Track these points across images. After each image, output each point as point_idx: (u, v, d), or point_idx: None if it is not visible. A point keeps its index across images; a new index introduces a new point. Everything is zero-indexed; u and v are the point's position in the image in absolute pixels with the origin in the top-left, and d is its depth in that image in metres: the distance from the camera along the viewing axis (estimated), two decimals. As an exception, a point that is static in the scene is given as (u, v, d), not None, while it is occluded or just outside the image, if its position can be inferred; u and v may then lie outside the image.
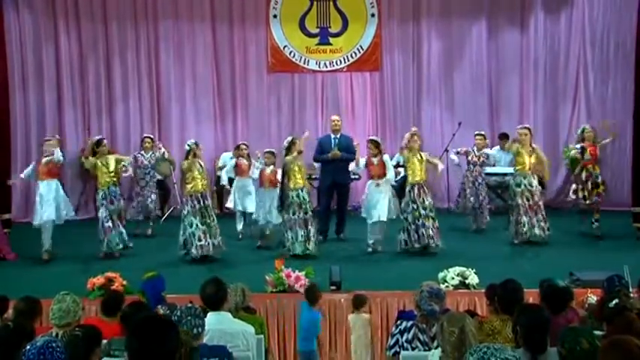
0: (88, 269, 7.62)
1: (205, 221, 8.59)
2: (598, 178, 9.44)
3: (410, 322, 4.47)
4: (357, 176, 11.16)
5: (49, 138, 9.51)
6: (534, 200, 9.02)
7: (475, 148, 10.29)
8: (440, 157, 10.89)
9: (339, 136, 9.93)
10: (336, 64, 12.70)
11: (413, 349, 4.37)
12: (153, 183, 10.51)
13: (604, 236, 9.41)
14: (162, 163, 10.37)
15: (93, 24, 12.25)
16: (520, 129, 9.35)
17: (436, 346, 3.93)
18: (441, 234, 8.91)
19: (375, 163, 9.01)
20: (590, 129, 9.71)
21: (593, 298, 5.81)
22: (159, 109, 12.64)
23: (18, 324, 4.03)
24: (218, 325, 4.46)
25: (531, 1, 12.53)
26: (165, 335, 2.76)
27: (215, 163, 12.00)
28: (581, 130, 9.79)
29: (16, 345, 3.64)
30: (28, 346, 3.42)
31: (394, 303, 6.82)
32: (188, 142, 8.97)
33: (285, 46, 12.63)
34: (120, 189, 9.51)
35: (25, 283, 7.63)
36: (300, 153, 8.92)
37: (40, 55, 12.11)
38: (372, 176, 9.11)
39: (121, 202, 9.34)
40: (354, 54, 12.67)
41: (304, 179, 8.97)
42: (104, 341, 3.98)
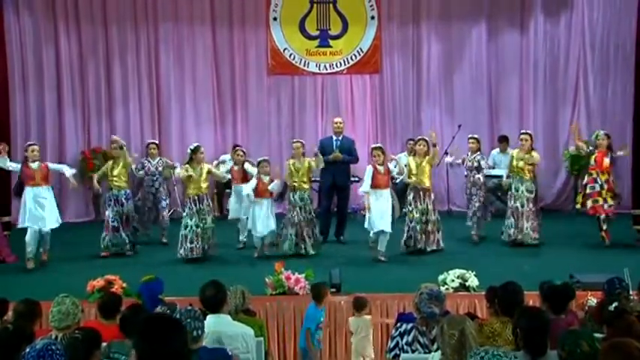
0: (87, 271, 7.59)
1: (199, 224, 8.69)
2: (602, 186, 9.03)
3: (410, 325, 4.46)
4: (357, 178, 11.15)
5: (34, 143, 9.12)
6: (526, 205, 9.08)
7: (469, 152, 10.03)
8: (440, 159, 10.87)
9: (341, 138, 9.97)
10: (336, 66, 12.70)
11: (413, 351, 4.36)
12: (163, 189, 10.17)
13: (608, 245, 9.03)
14: (167, 169, 10.29)
15: (93, 26, 12.26)
16: (523, 134, 9.48)
17: (436, 349, 3.93)
18: (443, 236, 9.02)
19: (382, 171, 8.62)
20: (604, 136, 9.30)
21: (593, 300, 5.80)
22: (159, 111, 12.63)
23: (17, 326, 4.03)
24: (218, 328, 4.45)
25: (531, 4, 12.53)
26: (173, 334, 2.77)
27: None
28: (595, 136, 9.60)
29: (16, 347, 3.64)
30: (27, 349, 3.43)
31: (394, 305, 6.81)
32: (190, 147, 9.05)
33: (285, 49, 12.63)
34: (130, 192, 9.47)
35: (25, 285, 7.63)
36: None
37: (40, 57, 12.11)
38: (378, 186, 8.56)
39: (131, 205, 9.28)
40: (353, 56, 12.67)
41: (309, 182, 9.15)
42: (104, 344, 3.98)
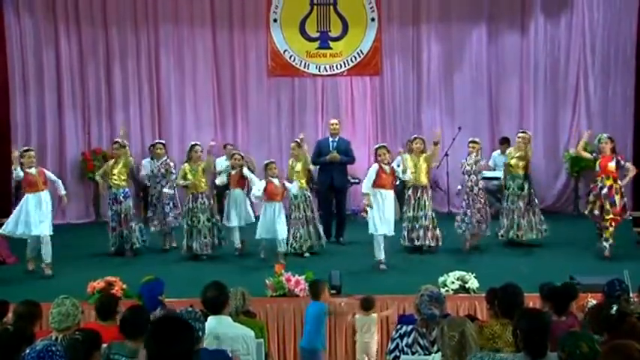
0: (88, 273, 7.59)
1: (189, 223, 8.89)
2: (608, 195, 8.55)
3: (410, 327, 4.47)
4: (357, 180, 11.16)
5: (30, 149, 8.80)
6: (516, 202, 9.22)
7: (468, 156, 9.50)
8: (440, 161, 10.89)
9: (337, 139, 10.00)
10: (336, 68, 12.70)
11: (413, 353, 4.37)
12: (168, 191, 9.63)
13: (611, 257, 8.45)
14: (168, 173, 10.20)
15: (93, 27, 12.25)
16: (520, 133, 9.52)
17: (436, 351, 3.93)
18: (441, 237, 9.04)
19: (388, 171, 8.41)
20: (607, 139, 8.83)
21: (593, 302, 5.79)
22: (159, 112, 12.62)
23: (18, 328, 4.03)
24: (218, 329, 4.46)
25: (531, 5, 12.52)
26: (183, 335, 2.83)
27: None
28: (598, 141, 9.00)
29: (16, 349, 3.64)
30: (27, 350, 3.43)
31: (394, 307, 6.80)
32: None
33: (286, 50, 12.63)
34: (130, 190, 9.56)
35: (25, 286, 7.64)
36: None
37: (41, 58, 12.11)
38: (382, 185, 8.31)
39: (129, 203, 9.26)
40: (354, 58, 12.67)
41: (306, 180, 9.19)
42: (104, 345, 3.98)
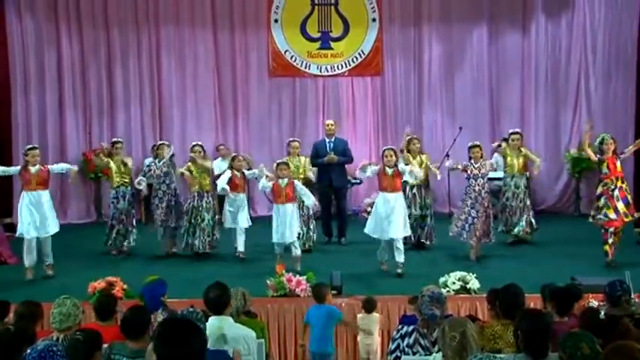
0: (89, 273, 7.59)
1: (193, 221, 8.98)
2: (620, 197, 8.23)
3: (411, 327, 4.47)
4: (358, 181, 11.16)
5: (34, 147, 8.53)
6: (518, 201, 9.41)
7: (472, 160, 8.94)
8: (441, 162, 10.85)
9: (333, 140, 10.01)
10: (338, 68, 12.71)
11: (414, 353, 4.36)
12: (170, 192, 9.26)
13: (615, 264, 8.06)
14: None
15: (94, 28, 12.27)
16: (512, 134, 9.66)
17: (437, 351, 3.93)
18: (442, 237, 9.09)
19: (390, 173, 8.04)
20: (611, 139, 8.40)
21: (594, 303, 5.79)
22: (160, 113, 12.64)
23: (19, 328, 4.04)
24: (219, 330, 4.45)
25: (532, 5, 12.52)
26: (192, 337, 2.81)
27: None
28: (600, 141, 8.44)
29: (17, 349, 3.65)
30: (28, 350, 3.44)
31: (395, 307, 6.79)
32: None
33: (287, 51, 12.63)
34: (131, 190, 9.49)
35: (26, 286, 7.64)
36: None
37: (42, 59, 12.14)
38: (384, 188, 8.08)
39: (130, 202, 9.32)
40: (355, 58, 12.68)
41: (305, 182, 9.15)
42: (104, 345, 3.98)
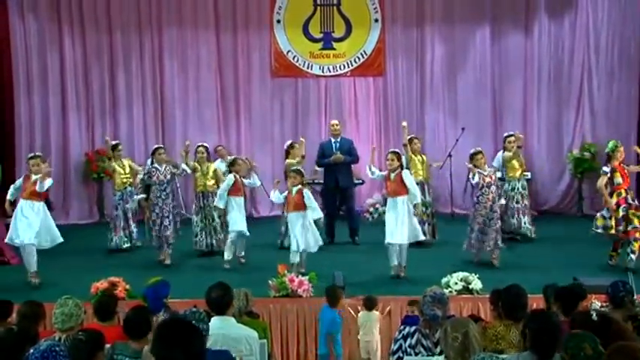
0: (91, 273, 7.59)
1: (204, 220, 9.16)
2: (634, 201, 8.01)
3: (413, 328, 4.47)
4: (360, 181, 11.17)
5: (36, 155, 8.24)
6: (514, 202, 9.53)
7: (479, 169, 8.39)
8: (443, 162, 10.87)
9: (339, 140, 10.04)
10: (340, 69, 12.70)
11: (416, 354, 4.37)
12: (170, 201, 8.93)
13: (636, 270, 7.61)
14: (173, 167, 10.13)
15: (97, 30, 12.26)
16: (507, 137, 9.69)
17: (439, 352, 3.93)
18: (442, 237, 9.33)
19: (392, 178, 7.83)
20: (621, 146, 8.17)
21: (597, 303, 5.78)
22: (162, 115, 12.63)
23: (22, 328, 4.05)
24: (222, 330, 4.46)
25: (535, 6, 12.48)
26: (191, 339, 2.81)
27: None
28: (612, 148, 8.13)
29: (20, 349, 3.65)
30: (31, 350, 3.45)
31: (397, 308, 6.79)
32: None
33: (289, 51, 12.64)
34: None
35: (29, 287, 7.66)
36: (303, 158, 9.45)
37: (45, 60, 12.13)
38: (388, 193, 7.97)
39: (135, 201, 9.56)
40: (357, 59, 12.68)
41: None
42: (107, 345, 3.98)
